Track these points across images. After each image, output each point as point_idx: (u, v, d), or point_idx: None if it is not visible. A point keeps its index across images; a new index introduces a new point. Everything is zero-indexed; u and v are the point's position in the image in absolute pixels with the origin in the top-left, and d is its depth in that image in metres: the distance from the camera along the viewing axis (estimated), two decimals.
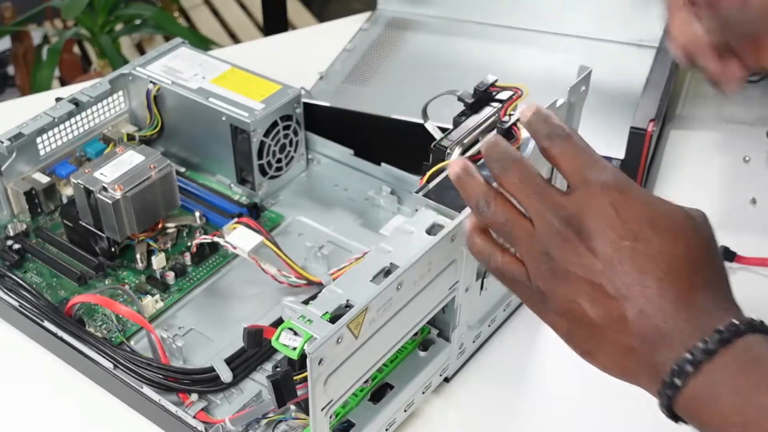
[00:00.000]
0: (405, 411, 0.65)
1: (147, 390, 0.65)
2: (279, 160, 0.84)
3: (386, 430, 0.63)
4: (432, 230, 0.59)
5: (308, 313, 0.53)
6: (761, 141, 0.93)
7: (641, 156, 0.81)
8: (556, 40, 1.01)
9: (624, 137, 0.81)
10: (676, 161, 0.92)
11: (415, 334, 0.63)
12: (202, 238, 0.76)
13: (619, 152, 0.82)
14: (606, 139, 0.83)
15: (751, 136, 0.94)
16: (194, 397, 0.66)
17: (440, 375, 0.68)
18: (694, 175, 0.91)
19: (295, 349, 0.52)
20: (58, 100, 0.83)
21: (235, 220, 0.76)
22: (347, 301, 0.54)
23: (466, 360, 0.71)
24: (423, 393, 0.66)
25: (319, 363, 0.52)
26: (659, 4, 0.94)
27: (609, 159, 0.82)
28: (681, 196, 0.88)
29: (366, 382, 0.61)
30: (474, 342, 0.70)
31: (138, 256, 0.77)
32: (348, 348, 0.54)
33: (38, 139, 0.81)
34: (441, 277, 0.60)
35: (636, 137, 0.81)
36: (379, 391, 0.64)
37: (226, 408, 0.66)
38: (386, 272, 0.57)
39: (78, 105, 0.83)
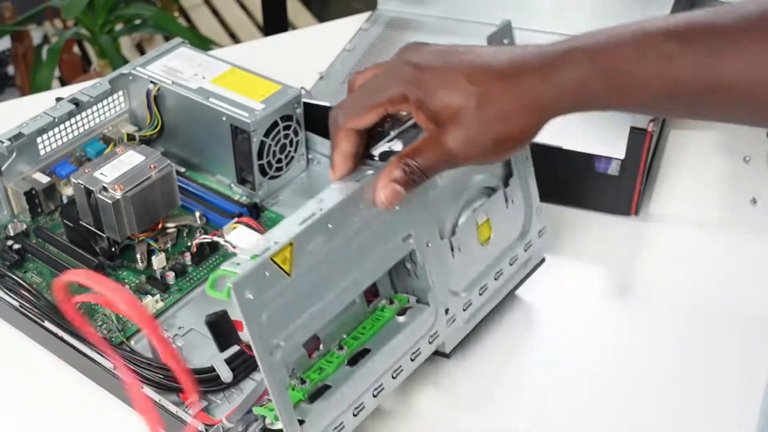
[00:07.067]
0: (394, 378, 0.64)
1: (147, 390, 0.65)
2: (279, 160, 0.84)
3: (374, 395, 0.63)
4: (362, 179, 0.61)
5: (238, 258, 0.55)
6: (761, 141, 0.93)
7: (641, 156, 0.81)
8: (555, 40, 1.01)
9: (624, 137, 0.81)
10: (676, 161, 0.92)
11: (392, 302, 0.65)
12: (202, 238, 0.76)
13: (619, 152, 0.82)
14: (606, 139, 0.83)
15: (751, 136, 0.94)
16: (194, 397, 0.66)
17: (430, 342, 0.67)
18: (694, 175, 0.91)
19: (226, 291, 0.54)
20: (58, 100, 0.83)
21: (235, 220, 0.75)
22: (275, 243, 0.56)
23: (464, 336, 0.70)
24: (412, 360, 0.66)
25: (249, 297, 0.53)
26: (658, 3, 0.94)
27: (609, 159, 0.82)
28: (681, 196, 0.88)
29: (342, 348, 0.63)
30: (465, 311, 0.69)
31: (138, 256, 0.77)
32: (284, 287, 0.55)
33: (38, 139, 0.81)
34: (385, 225, 0.62)
35: (636, 137, 0.81)
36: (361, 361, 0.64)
37: (226, 408, 0.65)
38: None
39: (78, 105, 0.83)
